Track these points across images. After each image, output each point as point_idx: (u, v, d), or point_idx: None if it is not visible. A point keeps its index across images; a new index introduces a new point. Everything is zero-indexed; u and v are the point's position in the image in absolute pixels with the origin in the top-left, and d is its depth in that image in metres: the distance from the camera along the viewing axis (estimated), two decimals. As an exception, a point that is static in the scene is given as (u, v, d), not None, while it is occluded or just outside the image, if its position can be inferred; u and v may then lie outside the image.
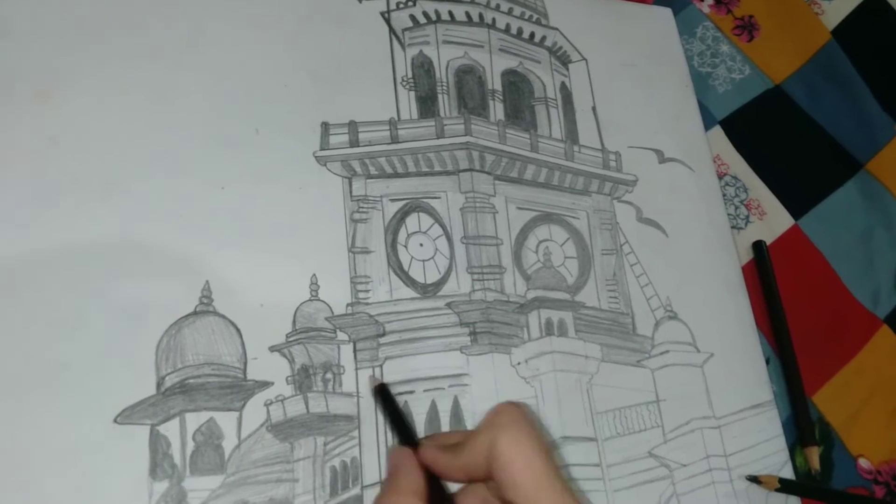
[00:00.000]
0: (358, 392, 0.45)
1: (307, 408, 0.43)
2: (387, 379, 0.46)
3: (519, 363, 0.49)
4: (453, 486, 0.30)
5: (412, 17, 0.56)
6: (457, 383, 0.47)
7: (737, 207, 0.64)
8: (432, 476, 0.29)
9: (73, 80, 0.45)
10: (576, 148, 0.57)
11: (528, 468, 0.26)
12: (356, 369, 0.45)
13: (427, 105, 0.54)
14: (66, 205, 0.43)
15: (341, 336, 0.46)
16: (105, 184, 0.44)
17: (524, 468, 0.26)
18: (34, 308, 0.40)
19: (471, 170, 0.53)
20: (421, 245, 0.50)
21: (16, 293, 0.40)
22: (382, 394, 0.35)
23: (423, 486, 0.28)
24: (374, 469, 0.43)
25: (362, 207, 0.49)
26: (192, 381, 0.41)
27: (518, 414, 0.28)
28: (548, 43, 0.61)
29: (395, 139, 0.52)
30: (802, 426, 0.56)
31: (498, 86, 0.57)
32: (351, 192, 0.49)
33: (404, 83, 0.54)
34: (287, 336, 0.44)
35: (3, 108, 0.44)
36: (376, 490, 0.43)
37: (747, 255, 0.62)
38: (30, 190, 0.42)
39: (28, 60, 0.45)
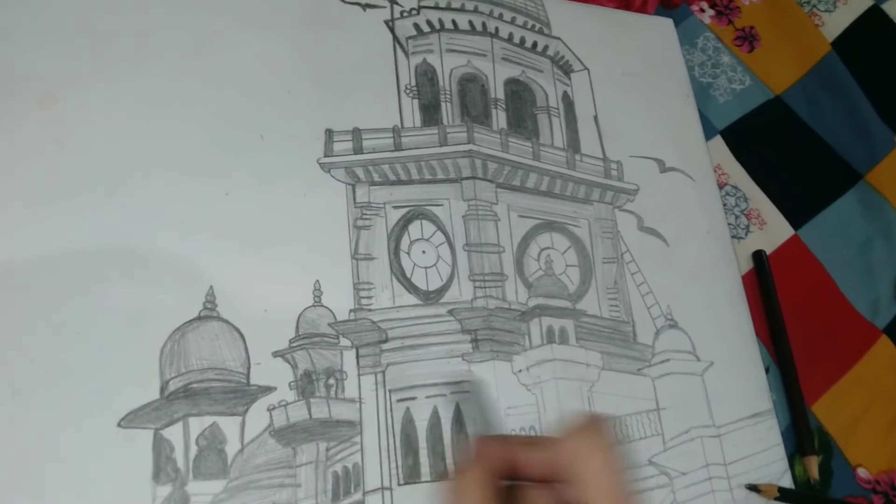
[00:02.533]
0: (360, 398, 0.45)
1: (310, 413, 0.43)
2: (389, 385, 0.46)
3: (520, 371, 0.49)
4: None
5: (416, 26, 0.57)
6: (458, 390, 0.47)
7: (737, 217, 0.64)
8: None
9: (79, 85, 0.46)
10: (577, 157, 0.58)
11: (614, 478, 0.28)
12: (359, 375, 0.45)
13: (430, 113, 0.55)
14: (71, 209, 0.43)
15: (344, 342, 0.46)
16: (110, 188, 0.44)
17: (611, 476, 0.28)
18: (38, 311, 0.40)
19: (473, 178, 0.53)
20: (423, 252, 0.50)
21: (21, 296, 0.40)
22: None
23: (499, 472, 0.30)
24: (375, 475, 0.43)
25: (366, 214, 0.50)
26: (195, 385, 0.42)
27: (607, 429, 0.30)
28: (550, 52, 0.61)
29: (398, 147, 0.52)
30: (802, 435, 0.56)
31: (501, 94, 0.58)
32: (354, 198, 0.50)
33: (408, 91, 0.55)
34: (290, 342, 0.45)
35: (10, 112, 0.44)
36: (377, 496, 0.43)
37: (747, 265, 0.62)
38: (35, 194, 0.43)
39: (34, 65, 0.45)
